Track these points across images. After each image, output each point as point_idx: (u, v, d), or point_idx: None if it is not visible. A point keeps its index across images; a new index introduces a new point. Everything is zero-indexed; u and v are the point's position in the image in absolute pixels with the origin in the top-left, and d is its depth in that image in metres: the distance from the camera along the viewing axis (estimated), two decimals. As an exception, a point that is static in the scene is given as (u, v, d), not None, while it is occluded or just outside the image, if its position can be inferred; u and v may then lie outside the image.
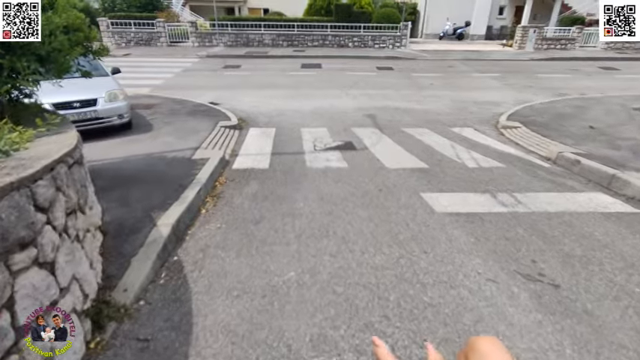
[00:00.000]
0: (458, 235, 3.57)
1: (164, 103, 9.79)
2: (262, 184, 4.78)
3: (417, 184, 4.79)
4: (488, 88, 12.69)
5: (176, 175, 4.63)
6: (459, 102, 10.80)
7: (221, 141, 6.52)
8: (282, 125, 8.24)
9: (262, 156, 5.86)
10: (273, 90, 11.85)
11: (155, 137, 6.71)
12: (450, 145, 6.60)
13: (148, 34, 20.12)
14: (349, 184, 4.79)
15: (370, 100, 10.88)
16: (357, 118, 8.96)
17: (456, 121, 8.83)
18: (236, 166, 5.40)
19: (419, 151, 6.26)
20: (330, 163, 5.56)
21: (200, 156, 5.35)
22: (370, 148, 6.41)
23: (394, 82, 13.21)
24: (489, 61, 18.03)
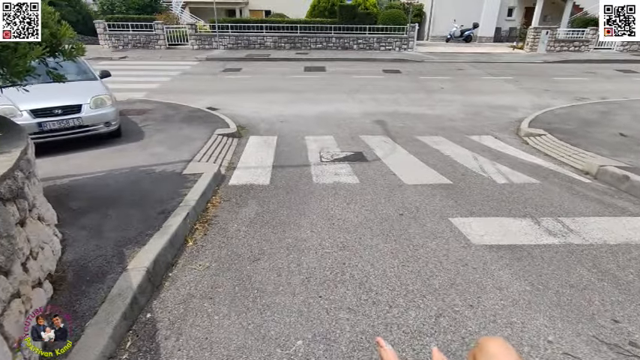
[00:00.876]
0: (507, 279, 2.86)
1: (158, 109, 9.16)
2: (262, 205, 4.11)
3: (442, 206, 4.11)
4: (503, 91, 12.01)
5: (162, 195, 3.96)
6: (473, 107, 10.13)
7: (217, 151, 5.86)
8: (285, 133, 7.58)
9: (263, 169, 5.19)
10: (274, 94, 11.21)
11: (145, 147, 6.05)
12: (472, 157, 5.91)
13: (145, 37, 19.54)
14: (363, 206, 4.11)
15: (378, 104, 10.22)
16: (365, 125, 8.30)
17: (473, 128, 8.15)
18: (233, 182, 4.73)
19: (438, 163, 5.57)
20: (339, 178, 4.87)
21: (192, 170, 4.68)
22: (383, 160, 5.73)
23: (403, 86, 12.54)
24: (501, 63, 17.33)
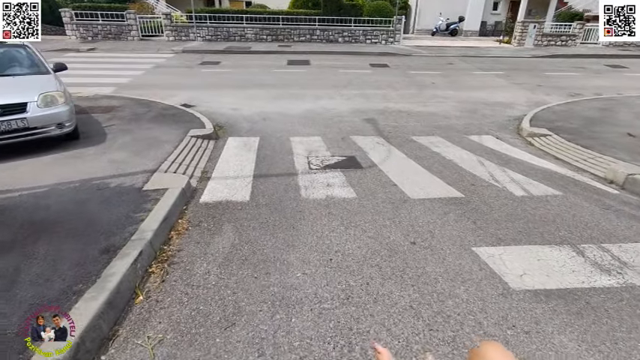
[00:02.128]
0: (574, 349, 2.15)
1: (127, 106, 8.25)
2: (240, 233, 3.34)
3: (460, 229, 3.45)
4: (496, 87, 11.53)
5: (112, 221, 3.15)
6: (468, 103, 9.59)
7: (189, 157, 5.07)
8: (268, 133, 6.83)
9: (242, 180, 4.44)
10: (256, 89, 10.40)
11: (105, 152, 5.21)
12: (478, 161, 5.31)
13: (117, 27, 18.25)
14: (365, 231, 3.40)
15: (367, 101, 9.56)
16: (355, 124, 7.63)
17: (470, 127, 7.59)
18: (205, 198, 3.96)
19: (442, 169, 4.94)
20: (332, 191, 4.17)
21: (155, 185, 3.88)
22: (380, 166, 5.06)
23: (392, 81, 11.91)
24: (490, 58, 16.91)
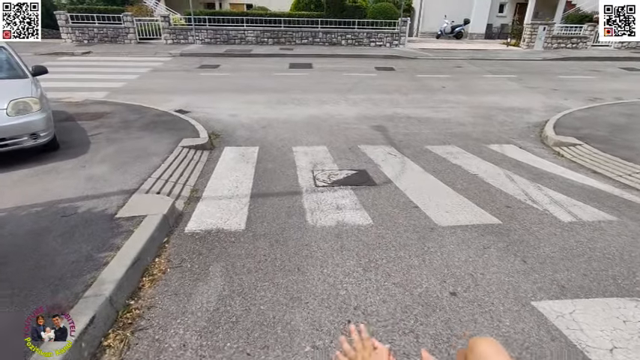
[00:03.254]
0: None
1: (117, 112, 7.67)
2: (231, 277, 2.68)
3: (509, 271, 2.77)
4: (509, 91, 10.92)
5: (67, 264, 2.49)
6: (481, 108, 8.99)
7: (178, 172, 4.46)
8: (268, 142, 6.23)
9: (237, 201, 3.81)
10: (256, 94, 9.81)
11: (83, 166, 4.61)
12: (506, 176, 4.69)
13: (113, 30, 17.70)
14: (390, 275, 2.73)
15: (375, 106, 8.97)
16: (363, 132, 7.03)
17: (488, 135, 6.98)
18: (192, 226, 3.32)
19: (468, 186, 4.32)
20: (343, 216, 3.54)
21: (132, 210, 3.23)
22: (395, 182, 4.44)
23: (399, 85, 11.31)
24: (499, 61, 16.31)
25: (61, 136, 5.99)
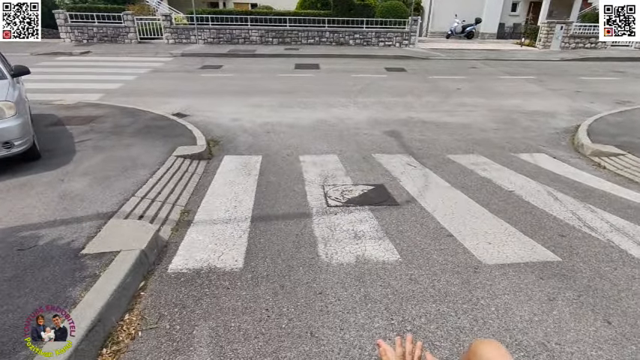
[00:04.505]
0: None
1: (110, 116, 7.11)
2: (222, 347, 1.99)
3: (592, 338, 2.08)
4: (529, 93, 10.24)
5: (1, 331, 1.88)
6: (502, 112, 8.33)
7: (169, 188, 3.86)
8: (273, 150, 5.63)
9: (235, 226, 3.20)
10: (260, 96, 9.21)
11: (62, 179, 4.02)
12: (548, 193, 4.03)
13: (113, 30, 17.18)
14: (435, 345, 2.04)
15: (387, 110, 8.33)
16: (376, 138, 6.41)
17: (514, 142, 6.33)
18: (178, 264, 2.68)
19: (505, 206, 3.68)
20: (364, 248, 2.90)
21: (103, 244, 2.55)
22: (419, 200, 3.81)
23: (411, 87, 10.66)
24: (515, 61, 15.59)
25: (44, 143, 5.45)
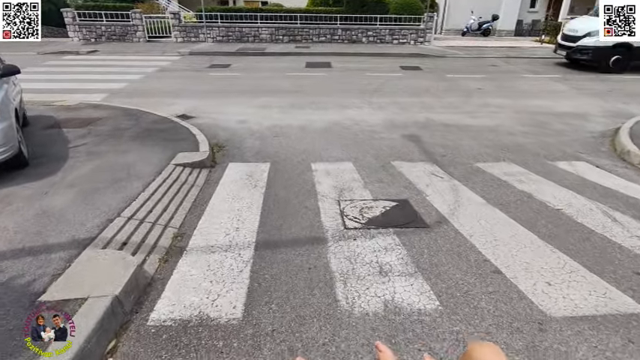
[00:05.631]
0: None
1: (111, 118, 6.70)
2: None
3: None
4: (556, 93, 9.56)
5: None
6: (529, 114, 7.70)
7: (163, 204, 3.38)
8: (282, 156, 5.14)
9: (236, 256, 2.69)
10: (269, 97, 8.72)
11: (45, 192, 3.58)
12: (602, 213, 3.44)
13: (122, 28, 16.87)
14: None
15: (404, 111, 7.77)
16: (394, 142, 5.87)
17: (548, 148, 5.74)
18: (161, 312, 2.15)
19: (555, 230, 3.11)
20: (392, 290, 2.31)
21: (67, 288, 1.98)
22: (452, 221, 3.26)
23: (429, 86, 10.06)
24: (536, 59, 14.83)
25: (37, 148, 5.07)
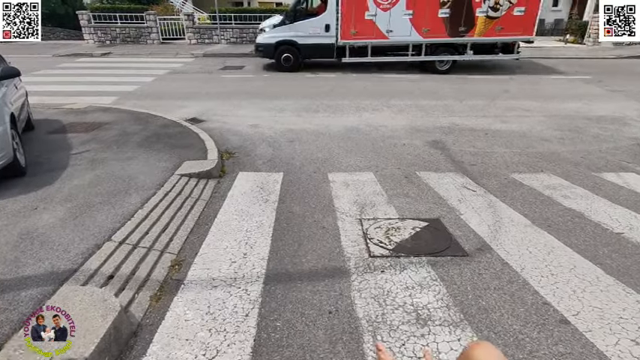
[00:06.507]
0: None
1: (119, 122, 6.42)
2: None
3: None
4: (590, 95, 8.91)
5: None
6: (561, 118, 7.13)
7: (162, 223, 2.99)
8: (296, 165, 4.74)
9: (240, 294, 2.25)
10: (283, 99, 8.34)
11: (35, 207, 3.24)
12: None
13: (136, 30, 16.76)
14: None
15: (426, 115, 7.28)
16: (418, 150, 5.41)
17: (590, 156, 5.20)
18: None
19: (624, 262, 2.62)
20: (434, 345, 1.86)
21: (26, 352, 1.68)
22: (495, 248, 2.78)
23: (450, 88, 9.53)
24: (563, 59, 14.12)
25: (37, 154, 4.80)
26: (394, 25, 10.57)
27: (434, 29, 10.65)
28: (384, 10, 10.42)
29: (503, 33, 10.71)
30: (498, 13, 10.55)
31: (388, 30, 10.65)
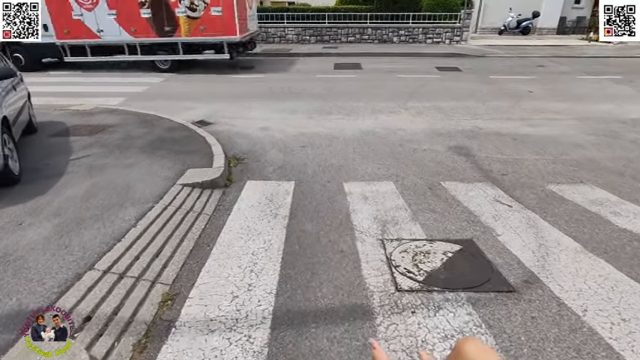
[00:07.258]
0: None
1: (124, 125, 6.14)
2: None
3: None
4: (622, 96, 8.34)
5: None
6: (594, 121, 6.61)
7: (157, 244, 2.63)
8: (309, 173, 4.36)
9: (242, 342, 1.85)
10: (295, 100, 7.97)
11: (20, 223, 2.92)
12: None
13: (147, 29, 16.66)
14: None
15: (446, 118, 6.83)
16: (440, 156, 4.98)
17: (633, 165, 4.77)
18: None
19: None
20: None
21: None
22: (546, 281, 2.36)
23: (471, 89, 9.03)
24: (588, 58, 13.44)
25: (36, 159, 4.55)
26: (103, 25, 10.46)
27: (140, 29, 10.46)
28: (88, 9, 10.27)
29: (207, 33, 10.36)
30: (197, 13, 10.19)
31: (99, 30, 10.51)
